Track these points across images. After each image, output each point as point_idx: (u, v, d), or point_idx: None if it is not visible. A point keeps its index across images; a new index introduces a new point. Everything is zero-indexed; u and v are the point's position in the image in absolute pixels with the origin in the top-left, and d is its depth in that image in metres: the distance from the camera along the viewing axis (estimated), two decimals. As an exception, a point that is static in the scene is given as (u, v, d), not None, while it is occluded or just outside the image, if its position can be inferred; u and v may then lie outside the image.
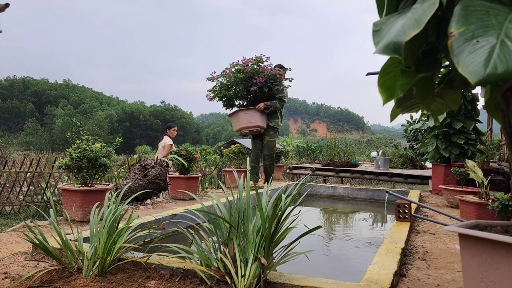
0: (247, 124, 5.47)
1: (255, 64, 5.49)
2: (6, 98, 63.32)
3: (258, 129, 5.49)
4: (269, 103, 5.47)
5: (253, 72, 5.40)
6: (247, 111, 5.50)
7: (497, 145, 7.43)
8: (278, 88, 5.53)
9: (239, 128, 5.57)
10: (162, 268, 1.82)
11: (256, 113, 5.46)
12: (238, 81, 5.45)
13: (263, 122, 5.53)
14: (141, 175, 3.87)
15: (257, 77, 5.32)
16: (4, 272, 1.90)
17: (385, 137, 70.28)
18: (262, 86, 5.35)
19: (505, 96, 1.11)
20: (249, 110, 5.48)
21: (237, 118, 5.59)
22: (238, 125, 5.57)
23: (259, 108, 5.42)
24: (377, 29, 0.95)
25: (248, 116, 5.47)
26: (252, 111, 5.47)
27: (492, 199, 2.58)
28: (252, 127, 5.47)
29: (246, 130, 5.52)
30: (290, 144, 24.49)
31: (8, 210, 5.35)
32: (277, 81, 5.56)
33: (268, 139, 5.60)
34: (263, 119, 5.54)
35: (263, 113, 5.53)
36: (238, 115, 5.56)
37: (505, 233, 1.21)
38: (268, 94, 5.52)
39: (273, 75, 5.44)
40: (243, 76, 5.38)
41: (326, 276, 1.72)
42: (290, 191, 1.91)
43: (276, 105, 5.51)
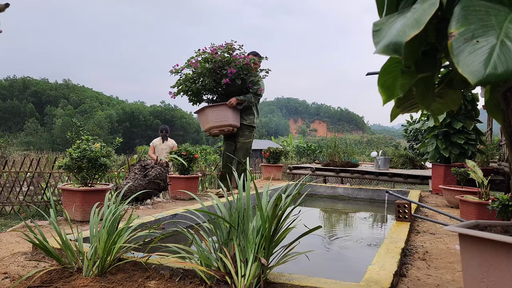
0: (216, 123, 4.72)
1: (225, 52, 4.74)
2: (6, 98, 63.33)
3: (230, 128, 4.80)
4: (243, 98, 4.78)
5: (223, 61, 4.66)
6: (216, 107, 4.75)
7: (497, 145, 7.43)
8: (253, 80, 4.79)
9: (207, 127, 4.81)
10: (162, 268, 1.82)
11: (227, 110, 4.74)
12: (206, 72, 4.69)
13: (235, 120, 4.83)
14: (141, 175, 3.87)
15: (228, 67, 4.59)
16: (4, 272, 1.90)
17: (385, 137, 70.33)
18: (234, 78, 4.62)
19: (505, 96, 1.11)
20: (219, 107, 4.75)
21: (204, 116, 4.83)
22: (206, 124, 4.81)
23: (231, 104, 4.73)
24: (377, 29, 0.95)
25: (217, 114, 4.72)
26: (222, 108, 4.73)
27: (492, 199, 2.57)
28: (223, 126, 4.75)
29: (216, 130, 4.79)
30: (290, 144, 24.50)
31: (8, 210, 5.35)
32: (251, 72, 4.83)
33: (243, 140, 4.92)
34: (236, 116, 4.84)
35: (235, 109, 4.83)
36: (206, 112, 4.79)
37: (505, 233, 1.21)
38: (241, 87, 4.79)
39: (247, 65, 4.71)
40: (212, 67, 4.63)
41: (326, 276, 1.72)
42: (290, 191, 1.91)
43: (251, 99, 4.83)
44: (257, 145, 41.69)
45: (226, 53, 4.73)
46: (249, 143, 4.96)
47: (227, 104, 4.72)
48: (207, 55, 4.74)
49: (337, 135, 12.15)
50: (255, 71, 4.87)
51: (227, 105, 4.72)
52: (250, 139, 4.96)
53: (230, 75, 4.56)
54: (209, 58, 4.70)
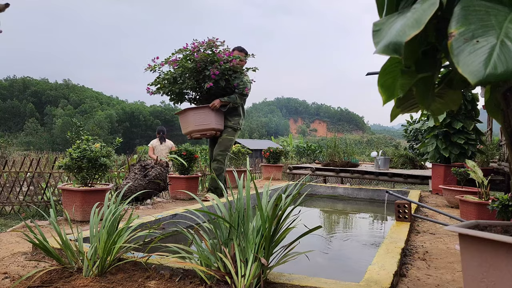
0: (198, 126, 4.39)
1: (207, 49, 4.34)
2: (6, 98, 63.35)
3: (213, 132, 4.47)
4: (227, 99, 4.41)
5: (205, 60, 4.25)
6: (198, 110, 4.41)
7: (497, 145, 7.43)
8: (238, 80, 4.43)
9: (188, 131, 4.47)
10: (162, 268, 1.82)
11: (210, 113, 4.38)
12: (187, 72, 4.33)
13: (219, 124, 4.49)
14: (141, 175, 3.87)
15: (211, 68, 4.20)
16: (4, 272, 1.90)
17: (385, 137, 70.38)
18: (217, 79, 4.26)
19: (505, 96, 1.11)
20: (201, 109, 4.40)
21: (185, 119, 4.49)
22: (187, 128, 4.47)
23: (214, 107, 4.37)
24: (377, 29, 0.95)
25: (199, 117, 4.38)
26: (205, 111, 4.38)
27: (492, 199, 2.57)
28: (205, 130, 4.41)
29: (197, 134, 4.44)
30: (290, 144, 24.51)
31: (8, 210, 5.35)
32: (237, 72, 4.46)
33: (225, 136, 4.54)
34: (220, 119, 4.50)
35: (219, 112, 4.48)
36: (187, 115, 4.44)
37: (505, 233, 1.21)
38: (226, 87, 4.44)
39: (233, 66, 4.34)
40: (193, 66, 4.24)
41: (326, 276, 1.72)
42: (290, 191, 1.91)
43: (236, 100, 4.47)
44: (257, 145, 41.69)
45: (208, 50, 4.33)
46: (230, 141, 4.56)
47: (210, 106, 4.37)
48: (189, 53, 4.35)
49: (337, 135, 12.16)
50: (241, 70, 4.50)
51: (210, 107, 4.37)
52: (232, 136, 4.57)
53: (213, 76, 4.19)
54: (191, 57, 4.31)
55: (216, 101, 4.37)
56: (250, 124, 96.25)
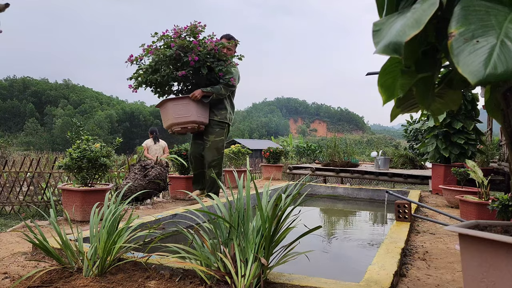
0: (178, 119, 4.03)
1: (189, 35, 3.99)
2: (6, 98, 63.36)
3: (195, 125, 4.10)
4: (210, 89, 4.04)
5: (184, 46, 3.87)
6: (177, 101, 4.08)
7: (497, 145, 7.44)
8: (222, 68, 4.00)
9: (168, 124, 4.13)
10: (162, 268, 1.82)
11: (191, 104, 4.03)
12: (165, 59, 3.95)
13: (201, 116, 4.12)
14: (141, 175, 3.87)
15: (190, 54, 3.84)
16: (4, 272, 1.90)
17: (385, 137, 70.41)
18: (198, 66, 3.89)
19: (505, 96, 1.11)
20: (181, 100, 4.06)
21: (165, 111, 4.16)
22: (167, 121, 4.14)
23: (194, 97, 3.99)
24: (377, 29, 0.95)
25: (179, 108, 4.03)
26: (185, 102, 4.04)
27: (492, 199, 2.58)
28: (186, 123, 4.05)
29: (178, 127, 4.07)
30: (290, 144, 24.51)
31: (8, 210, 5.35)
32: (222, 59, 4.05)
33: (213, 138, 4.17)
34: (202, 111, 4.14)
35: (201, 103, 4.10)
36: (167, 107, 4.11)
37: (505, 233, 1.21)
38: (210, 77, 4.09)
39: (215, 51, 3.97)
40: (172, 53, 3.88)
41: (326, 276, 1.72)
42: (290, 191, 1.91)
43: (220, 91, 4.08)
44: (257, 145, 41.71)
45: (190, 36, 3.97)
46: (220, 142, 4.20)
47: (190, 97, 4.00)
48: (169, 40, 3.96)
49: (337, 135, 12.16)
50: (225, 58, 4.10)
51: (190, 98, 4.01)
52: (221, 136, 4.21)
53: (192, 63, 3.81)
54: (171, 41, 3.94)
55: (197, 91, 3.99)
56: (250, 124, 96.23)
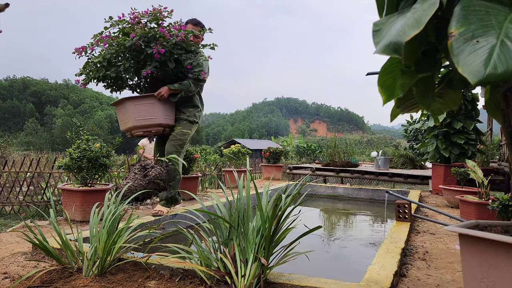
0: (140, 121, 3.37)
1: (152, 21, 3.36)
2: (6, 98, 63.35)
3: (160, 129, 3.49)
4: (178, 86, 3.43)
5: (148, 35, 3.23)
6: (141, 100, 3.38)
7: (497, 145, 7.44)
8: (191, 61, 3.41)
9: (127, 127, 3.44)
10: (162, 268, 1.82)
11: (156, 104, 3.39)
12: (124, 51, 3.28)
13: (168, 118, 3.52)
14: (141, 175, 3.86)
15: (155, 44, 3.22)
16: (4, 272, 1.90)
17: (385, 137, 70.43)
18: (164, 60, 3.28)
19: (505, 96, 1.11)
20: (144, 99, 3.38)
21: (123, 112, 3.46)
22: (126, 123, 3.45)
23: (161, 97, 3.37)
24: (377, 29, 0.95)
25: (142, 109, 3.37)
26: (149, 101, 3.38)
27: (492, 199, 2.58)
28: (150, 126, 3.42)
29: (139, 131, 3.44)
30: (290, 144, 24.52)
31: (8, 210, 5.35)
32: (190, 49, 3.43)
33: (179, 128, 3.58)
34: (169, 112, 3.53)
35: (168, 102, 3.50)
36: (126, 106, 3.41)
37: (505, 233, 1.21)
38: (176, 71, 3.48)
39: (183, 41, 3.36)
40: (131, 44, 3.21)
41: (326, 276, 1.72)
42: (290, 191, 1.91)
43: (190, 87, 3.50)
44: (257, 145, 41.71)
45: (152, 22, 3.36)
46: (186, 134, 3.59)
47: (155, 95, 3.36)
48: (126, 26, 3.32)
49: (337, 135, 12.16)
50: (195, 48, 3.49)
51: (155, 96, 3.36)
52: (188, 129, 3.62)
53: (157, 56, 3.21)
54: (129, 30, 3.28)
55: (163, 89, 3.38)
56: (250, 124, 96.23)
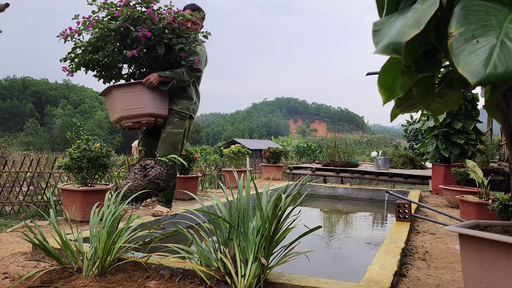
0: (128, 111, 3.15)
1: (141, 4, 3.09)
2: (6, 98, 63.34)
3: (151, 119, 3.23)
4: (169, 74, 3.18)
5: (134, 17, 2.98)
6: (128, 88, 3.17)
7: (497, 145, 7.44)
8: (183, 47, 3.13)
9: (116, 118, 3.25)
10: (162, 268, 1.82)
11: (144, 92, 3.14)
12: (109, 35, 3.02)
13: (159, 107, 3.26)
14: (141, 175, 3.86)
15: (141, 27, 2.96)
16: (4, 272, 1.90)
17: (385, 137, 70.45)
18: (151, 44, 3.04)
19: (505, 96, 1.11)
20: (132, 87, 3.15)
21: (111, 101, 3.26)
22: (114, 114, 3.25)
23: (149, 84, 3.12)
24: (377, 29, 0.95)
25: (130, 98, 3.15)
26: (137, 89, 3.14)
27: (492, 199, 2.58)
28: (139, 116, 3.18)
29: (128, 121, 3.22)
30: (290, 144, 24.53)
31: (8, 210, 5.34)
32: (183, 35, 3.17)
33: (170, 129, 3.32)
34: (161, 101, 3.27)
35: (158, 91, 3.23)
36: (113, 95, 3.22)
37: (505, 233, 1.21)
38: (169, 59, 3.24)
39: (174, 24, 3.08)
40: (116, 27, 2.95)
41: (326, 276, 1.72)
42: (290, 191, 1.91)
43: (182, 76, 3.21)
44: (257, 145, 41.73)
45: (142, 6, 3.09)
46: (178, 135, 3.34)
47: (144, 82, 3.11)
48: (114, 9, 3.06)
49: (337, 135, 12.17)
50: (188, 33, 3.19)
51: (143, 84, 3.12)
52: (180, 129, 3.34)
53: (143, 39, 2.95)
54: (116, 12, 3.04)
55: (152, 76, 3.12)
56: (250, 124, 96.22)
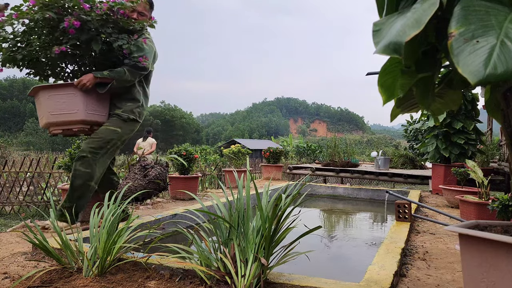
0: (57, 117, 2.72)
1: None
2: (6, 98, 63.34)
3: (84, 127, 2.80)
4: (108, 74, 2.73)
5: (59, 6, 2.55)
6: (56, 90, 2.72)
7: (497, 145, 7.43)
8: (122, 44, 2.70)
9: (43, 124, 2.82)
10: (162, 268, 1.82)
11: (77, 96, 2.70)
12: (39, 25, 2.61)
13: (95, 113, 2.83)
14: (141, 175, 3.86)
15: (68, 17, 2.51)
16: (4, 272, 1.90)
17: (385, 137, 70.44)
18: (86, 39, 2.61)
19: (505, 96, 1.11)
20: (62, 89, 2.72)
21: (38, 104, 2.82)
22: (42, 119, 2.81)
23: (83, 86, 2.68)
24: (377, 29, 0.95)
25: (59, 101, 2.70)
26: (67, 91, 2.70)
27: (492, 199, 2.58)
28: (69, 123, 2.75)
29: (58, 129, 2.78)
30: (290, 144, 24.53)
31: (8, 210, 5.35)
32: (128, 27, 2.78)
33: (105, 125, 2.86)
34: (98, 106, 2.83)
35: (95, 94, 2.79)
36: (39, 97, 2.78)
37: (505, 233, 1.21)
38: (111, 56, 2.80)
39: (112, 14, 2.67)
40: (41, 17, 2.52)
41: (326, 276, 1.72)
42: (290, 191, 1.91)
43: (124, 76, 2.78)
44: (257, 145, 41.72)
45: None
46: (111, 134, 2.84)
47: (76, 84, 2.68)
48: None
49: (337, 135, 12.16)
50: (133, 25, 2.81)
51: (74, 86, 2.69)
52: (117, 127, 2.87)
53: (72, 31, 2.52)
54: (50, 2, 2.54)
55: (86, 77, 2.68)
56: (250, 124, 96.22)
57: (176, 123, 64.90)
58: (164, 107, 70.57)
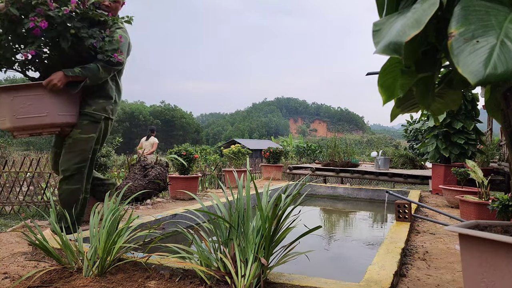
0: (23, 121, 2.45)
1: None
2: (6, 98, 63.27)
3: (55, 130, 2.60)
4: (79, 72, 2.49)
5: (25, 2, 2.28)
6: (22, 91, 2.44)
7: (497, 145, 7.43)
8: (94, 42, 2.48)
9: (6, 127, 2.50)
10: (162, 268, 1.82)
11: (45, 97, 2.47)
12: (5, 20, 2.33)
13: (67, 115, 2.60)
14: (141, 175, 3.86)
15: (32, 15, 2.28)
16: (4, 272, 1.90)
17: (385, 137, 70.40)
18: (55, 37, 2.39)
19: (505, 96, 1.11)
20: (27, 90, 2.45)
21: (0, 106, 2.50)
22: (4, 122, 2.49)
23: (53, 86, 2.44)
24: (377, 29, 0.95)
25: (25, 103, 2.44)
26: (35, 92, 2.45)
27: (492, 199, 2.58)
28: (38, 127, 2.52)
29: (24, 133, 2.55)
30: (290, 144, 24.52)
31: (8, 210, 5.34)
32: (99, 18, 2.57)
33: (78, 134, 2.65)
34: (68, 106, 2.60)
35: (65, 95, 2.55)
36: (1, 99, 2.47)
37: (505, 233, 1.21)
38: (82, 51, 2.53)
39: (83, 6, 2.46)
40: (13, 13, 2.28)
41: (326, 276, 1.72)
42: (290, 191, 1.91)
43: (98, 74, 2.57)
44: (257, 145, 41.70)
45: None
46: (88, 141, 2.69)
47: (45, 84, 2.44)
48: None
49: (337, 135, 12.16)
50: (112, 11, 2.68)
51: (43, 86, 2.44)
52: (91, 133, 2.69)
53: (37, 31, 2.30)
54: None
55: (56, 76, 2.44)
56: (250, 124, 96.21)
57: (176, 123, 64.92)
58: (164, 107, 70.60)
